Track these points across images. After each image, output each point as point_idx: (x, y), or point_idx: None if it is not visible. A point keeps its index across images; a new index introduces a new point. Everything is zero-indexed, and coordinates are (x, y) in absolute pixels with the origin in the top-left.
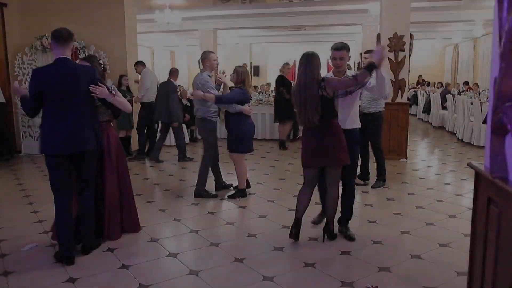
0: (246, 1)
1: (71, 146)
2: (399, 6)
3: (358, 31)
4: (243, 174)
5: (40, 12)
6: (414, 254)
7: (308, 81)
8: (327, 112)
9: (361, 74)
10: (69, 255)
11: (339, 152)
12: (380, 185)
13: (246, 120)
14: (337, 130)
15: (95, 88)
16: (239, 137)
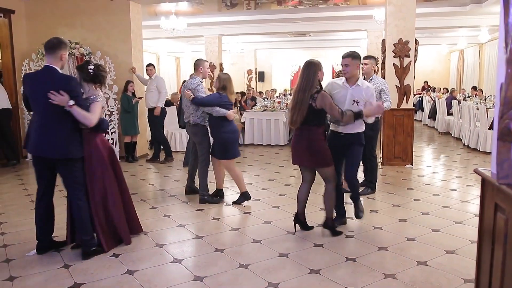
0: (251, 7)
1: (38, 149)
2: (404, 12)
3: (363, 37)
4: (239, 178)
5: (46, 19)
6: (420, 261)
7: (302, 87)
8: (310, 119)
9: (348, 117)
10: (40, 246)
11: (312, 155)
12: (367, 193)
13: (228, 126)
14: (314, 137)
15: (53, 96)
16: (223, 144)
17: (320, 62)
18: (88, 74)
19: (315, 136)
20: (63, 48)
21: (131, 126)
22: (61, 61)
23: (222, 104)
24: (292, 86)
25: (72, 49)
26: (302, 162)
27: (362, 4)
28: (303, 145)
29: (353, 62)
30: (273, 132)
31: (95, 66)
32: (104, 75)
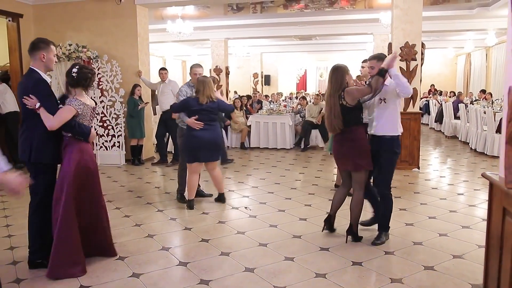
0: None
1: (20, 154)
2: (410, 15)
3: (369, 41)
4: (189, 185)
5: (54, 23)
6: (427, 265)
7: (332, 92)
8: (348, 120)
9: (374, 80)
10: (31, 259)
11: (356, 157)
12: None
13: (190, 131)
14: (357, 136)
15: (25, 100)
16: (181, 148)
17: (347, 66)
18: (72, 79)
19: (358, 135)
20: (43, 48)
21: (137, 129)
22: (42, 62)
23: (189, 109)
24: (298, 90)
25: (79, 53)
26: (346, 166)
27: (368, 7)
28: (348, 146)
29: (378, 64)
30: (279, 136)
31: (79, 68)
32: (90, 77)
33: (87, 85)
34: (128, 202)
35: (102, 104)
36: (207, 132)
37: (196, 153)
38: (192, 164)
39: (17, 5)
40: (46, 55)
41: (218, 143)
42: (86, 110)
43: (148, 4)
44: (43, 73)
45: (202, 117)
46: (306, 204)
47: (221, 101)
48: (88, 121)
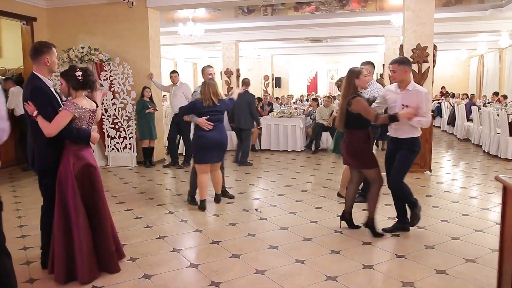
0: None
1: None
2: (422, 17)
3: (380, 43)
4: (200, 185)
5: (67, 26)
6: (439, 269)
7: (343, 94)
8: (350, 123)
9: (381, 119)
10: (43, 259)
11: (353, 156)
12: (357, 201)
13: (199, 131)
14: (355, 139)
15: (26, 106)
16: (191, 148)
17: (360, 70)
18: (78, 82)
19: (356, 138)
20: (46, 52)
21: (147, 130)
22: (46, 66)
23: (196, 111)
24: (309, 92)
25: (92, 56)
26: (348, 163)
27: (380, 9)
28: (347, 147)
29: (400, 67)
30: (289, 138)
31: (83, 71)
32: (93, 80)
33: (90, 88)
34: (139, 204)
35: (114, 106)
36: (214, 132)
37: (204, 153)
38: (201, 165)
39: (31, 8)
40: (49, 58)
41: (225, 144)
42: (84, 113)
43: (159, 7)
44: (45, 77)
45: (210, 119)
46: (317, 206)
47: (225, 100)
48: (87, 124)
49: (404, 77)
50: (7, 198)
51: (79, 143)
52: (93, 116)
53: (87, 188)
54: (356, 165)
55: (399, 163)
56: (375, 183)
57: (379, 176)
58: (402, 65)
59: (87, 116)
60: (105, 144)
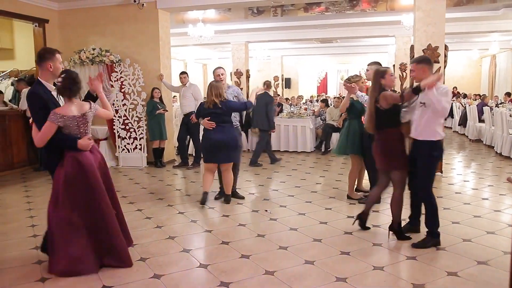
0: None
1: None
2: (433, 17)
3: (391, 43)
4: (203, 179)
5: (78, 28)
6: (451, 271)
7: (371, 94)
8: (382, 122)
9: (407, 93)
10: None
11: (385, 156)
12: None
13: (204, 132)
14: (389, 137)
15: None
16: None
17: (385, 69)
18: (59, 88)
19: (390, 137)
20: (49, 58)
21: (157, 131)
22: (50, 72)
23: (201, 113)
24: (319, 93)
25: (103, 57)
26: (381, 164)
27: (390, 9)
28: (379, 146)
29: (418, 66)
30: (299, 139)
31: (64, 78)
32: (74, 88)
33: (69, 95)
34: (149, 204)
35: (124, 107)
36: (217, 133)
37: (208, 153)
38: (207, 163)
39: (43, 10)
40: (52, 64)
41: (230, 145)
42: (67, 121)
43: (169, 9)
44: (49, 82)
45: (212, 120)
46: (326, 207)
47: (230, 102)
48: (76, 130)
49: (423, 76)
50: (19, 198)
51: (73, 149)
52: (82, 120)
53: (83, 190)
54: (385, 166)
55: (421, 171)
56: (398, 188)
57: (404, 180)
58: (420, 64)
59: (73, 123)
60: (115, 144)
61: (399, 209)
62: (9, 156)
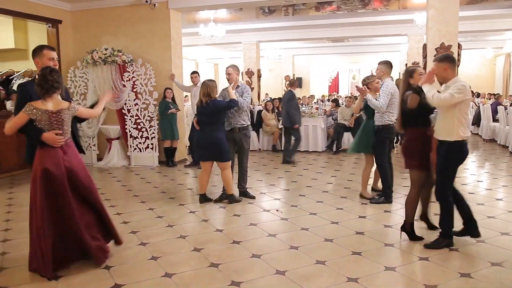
0: (289, 13)
1: None
2: (446, 15)
3: (403, 42)
4: (198, 183)
5: (91, 28)
6: (464, 272)
7: (400, 95)
8: (406, 121)
9: (411, 98)
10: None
11: (407, 156)
12: (379, 201)
13: (196, 131)
14: (409, 137)
15: None
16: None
17: (414, 68)
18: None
19: (411, 136)
20: (37, 55)
21: (168, 131)
22: (39, 68)
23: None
24: (331, 92)
25: (115, 57)
26: (404, 163)
27: (402, 8)
28: (403, 145)
29: (439, 65)
30: (311, 138)
31: (41, 75)
32: (46, 86)
33: (40, 92)
34: (161, 203)
35: (136, 106)
36: (202, 132)
37: (199, 152)
38: (201, 162)
39: (57, 11)
40: (39, 60)
41: (215, 144)
42: (39, 115)
43: (181, 9)
44: None
45: (201, 119)
46: (338, 207)
47: (216, 101)
48: (48, 126)
49: (444, 74)
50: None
51: (43, 144)
52: (56, 117)
53: (50, 189)
54: (405, 163)
55: (438, 175)
56: (414, 187)
57: (420, 181)
58: (441, 62)
59: (45, 118)
60: (127, 144)
61: (412, 209)
62: (22, 155)
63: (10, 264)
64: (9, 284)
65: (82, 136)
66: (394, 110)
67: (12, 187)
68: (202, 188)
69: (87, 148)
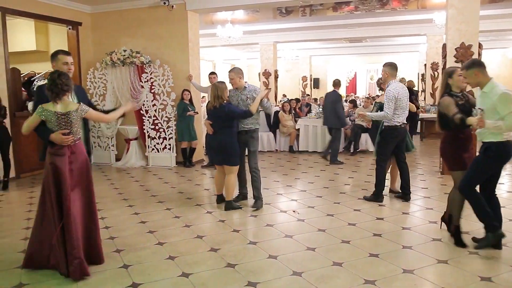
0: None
1: None
2: (466, 14)
3: (422, 42)
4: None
5: (110, 30)
6: (484, 276)
7: (439, 95)
8: (441, 123)
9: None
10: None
11: (443, 159)
12: (370, 199)
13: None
14: (444, 139)
15: None
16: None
17: (453, 69)
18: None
19: (444, 139)
20: (53, 59)
21: (186, 132)
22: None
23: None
24: (348, 93)
25: (133, 58)
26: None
27: (421, 7)
28: (440, 148)
29: (468, 72)
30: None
31: (50, 79)
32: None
33: (51, 96)
34: (178, 203)
35: (154, 107)
36: (212, 136)
37: (210, 155)
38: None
39: (77, 14)
40: (55, 64)
41: (225, 147)
42: (48, 116)
43: (198, 10)
44: None
45: (213, 122)
46: (355, 209)
47: (230, 107)
48: (56, 126)
49: (476, 80)
50: None
51: (53, 144)
52: (64, 118)
53: (56, 187)
54: (448, 166)
55: (470, 166)
56: (457, 189)
57: (458, 179)
58: (469, 69)
59: (54, 118)
60: (145, 144)
61: (457, 211)
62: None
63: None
64: (30, 282)
65: (101, 137)
66: (401, 112)
67: (33, 186)
68: (218, 189)
69: (106, 148)
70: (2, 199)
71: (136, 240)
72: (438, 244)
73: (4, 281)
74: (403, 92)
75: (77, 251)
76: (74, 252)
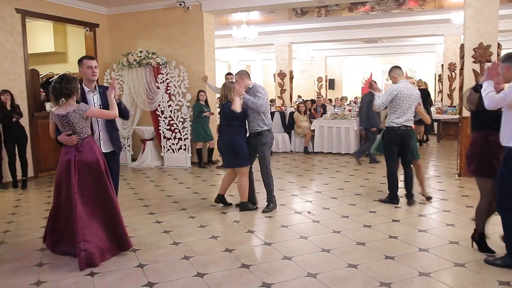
0: (322, 14)
1: None
2: (485, 14)
3: (439, 42)
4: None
5: (127, 31)
6: (503, 280)
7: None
8: (472, 124)
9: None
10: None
11: (466, 161)
12: (386, 201)
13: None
14: (474, 141)
15: None
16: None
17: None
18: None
19: (474, 140)
20: (79, 65)
21: (201, 133)
22: (82, 75)
23: None
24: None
25: (149, 59)
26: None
27: (439, 7)
28: (467, 151)
29: (502, 65)
30: (343, 140)
31: (55, 82)
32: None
33: (54, 99)
34: (193, 204)
35: (169, 108)
36: (223, 136)
37: (222, 157)
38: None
39: (94, 15)
40: (81, 69)
41: (232, 147)
42: (55, 119)
43: (214, 11)
44: (86, 85)
45: (221, 121)
46: (370, 210)
47: (228, 105)
48: (62, 128)
49: (508, 75)
50: None
51: (62, 144)
52: (65, 119)
53: (67, 180)
54: (471, 171)
55: (497, 182)
56: (481, 196)
57: (485, 189)
58: (504, 62)
59: (58, 120)
60: (161, 145)
61: (480, 218)
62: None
63: (48, 260)
64: (48, 279)
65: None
66: (399, 112)
67: (51, 185)
68: (221, 188)
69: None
70: (21, 198)
71: (151, 239)
72: (455, 247)
73: (22, 278)
74: (406, 93)
75: (83, 244)
76: (80, 245)
